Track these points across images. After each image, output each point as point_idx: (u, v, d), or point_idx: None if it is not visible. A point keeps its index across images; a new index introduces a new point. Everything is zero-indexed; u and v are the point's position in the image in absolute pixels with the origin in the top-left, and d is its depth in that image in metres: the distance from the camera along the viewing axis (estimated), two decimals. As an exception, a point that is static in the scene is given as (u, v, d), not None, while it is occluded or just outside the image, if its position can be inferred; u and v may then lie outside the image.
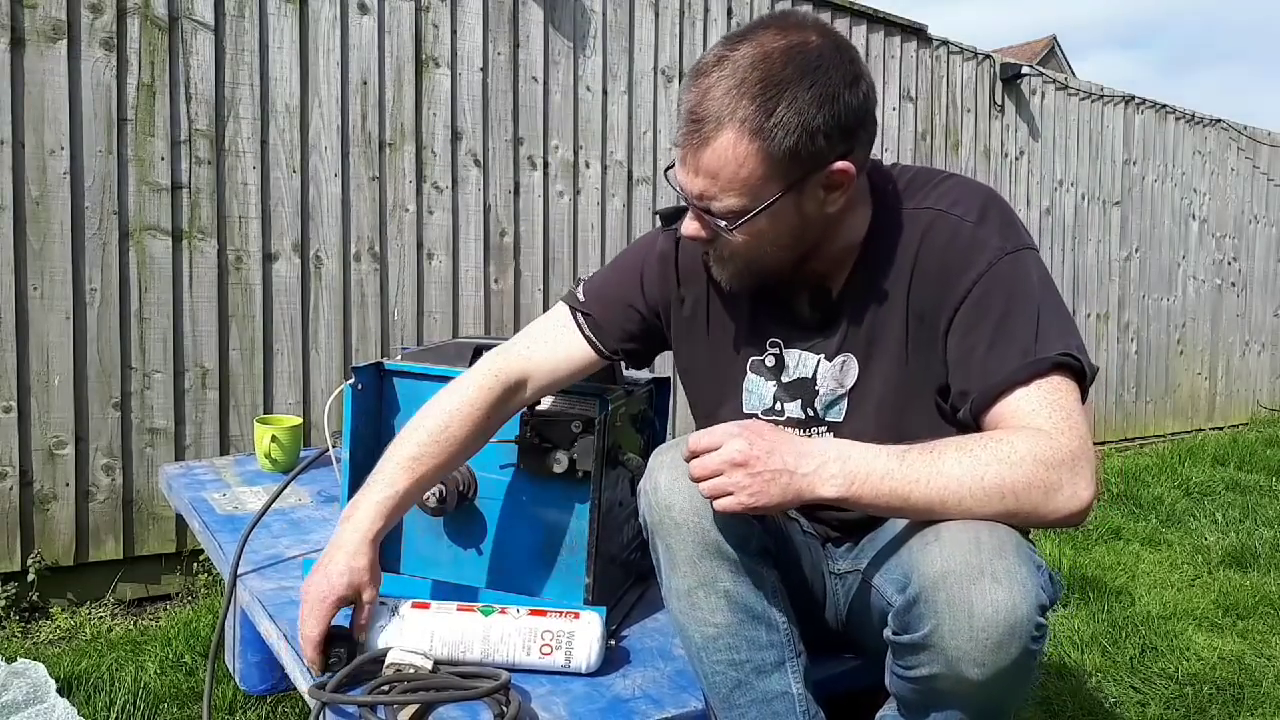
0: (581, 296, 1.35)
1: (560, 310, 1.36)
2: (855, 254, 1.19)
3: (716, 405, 1.31)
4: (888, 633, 1.03)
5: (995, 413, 1.08)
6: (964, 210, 1.15)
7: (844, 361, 1.21)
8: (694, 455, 1.03)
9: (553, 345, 1.33)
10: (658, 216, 1.31)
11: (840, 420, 1.22)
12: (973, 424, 1.11)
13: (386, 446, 1.43)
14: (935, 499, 1.00)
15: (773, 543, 1.15)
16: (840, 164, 1.07)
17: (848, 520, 1.27)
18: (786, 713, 1.13)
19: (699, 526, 1.07)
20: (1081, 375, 1.08)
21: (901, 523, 1.10)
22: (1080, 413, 1.06)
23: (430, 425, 1.25)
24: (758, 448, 1.00)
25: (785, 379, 1.25)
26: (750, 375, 1.28)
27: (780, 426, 1.22)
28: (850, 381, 1.22)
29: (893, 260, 1.17)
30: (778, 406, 1.26)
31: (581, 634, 1.19)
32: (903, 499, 1.00)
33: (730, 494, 1.00)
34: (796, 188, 1.08)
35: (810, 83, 1.03)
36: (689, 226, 1.13)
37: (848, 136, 1.07)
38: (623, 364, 1.41)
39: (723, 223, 1.09)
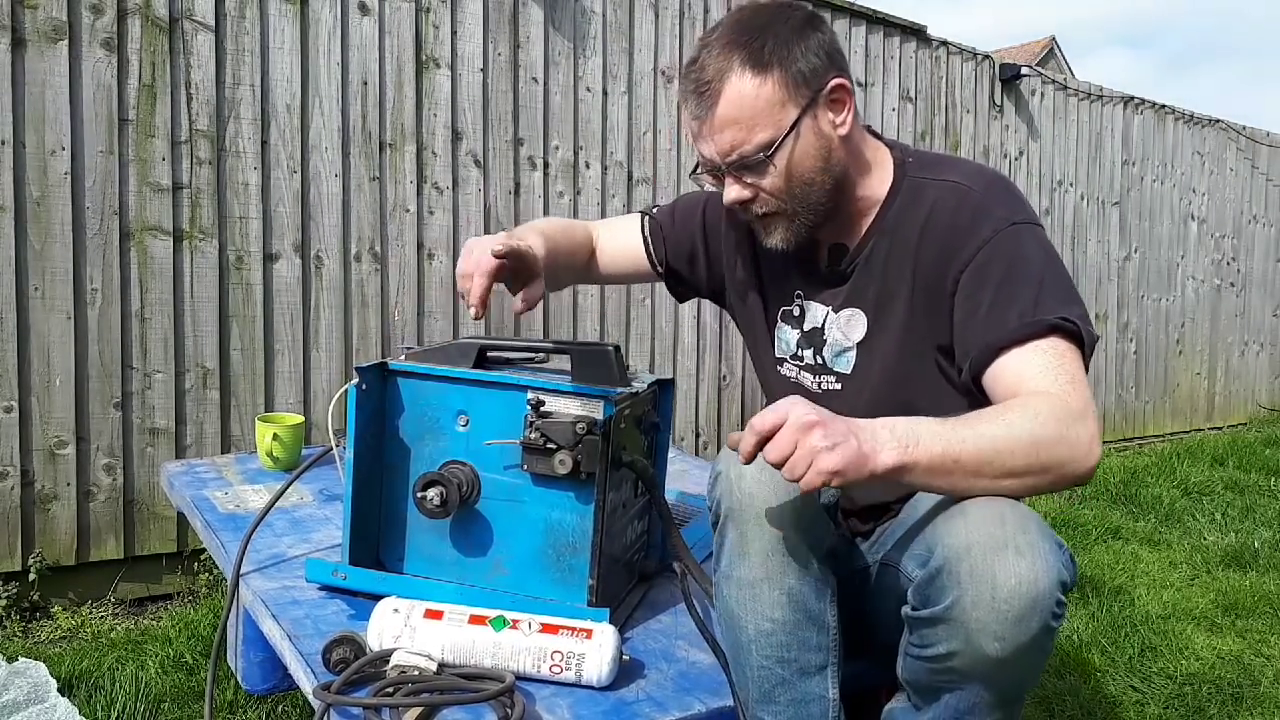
0: (659, 211, 1.56)
1: (635, 216, 1.59)
2: (872, 216, 1.29)
3: (760, 353, 1.47)
4: (906, 609, 1.04)
5: (993, 371, 1.12)
6: (974, 183, 1.23)
7: (851, 316, 1.30)
8: (763, 438, 0.99)
9: (623, 235, 1.56)
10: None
11: (848, 372, 1.31)
12: (972, 384, 1.16)
13: (389, 446, 1.43)
14: (984, 457, 1.01)
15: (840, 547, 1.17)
16: (835, 79, 1.20)
17: (872, 509, 1.30)
18: (820, 716, 1.13)
19: (780, 521, 1.07)
20: (1081, 342, 1.12)
21: (924, 506, 1.11)
22: (1083, 375, 1.10)
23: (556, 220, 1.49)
24: (820, 412, 0.99)
25: (806, 327, 1.37)
26: (780, 324, 1.41)
27: (798, 371, 1.38)
28: (857, 336, 1.30)
29: (904, 224, 1.25)
30: (799, 352, 1.38)
31: (593, 655, 1.18)
32: (954, 459, 1.00)
33: (811, 464, 0.96)
34: (809, 110, 1.19)
35: (784, 19, 1.20)
36: (730, 193, 1.22)
37: (831, 60, 1.20)
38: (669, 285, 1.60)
39: (760, 158, 1.18)
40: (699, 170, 1.27)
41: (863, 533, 1.33)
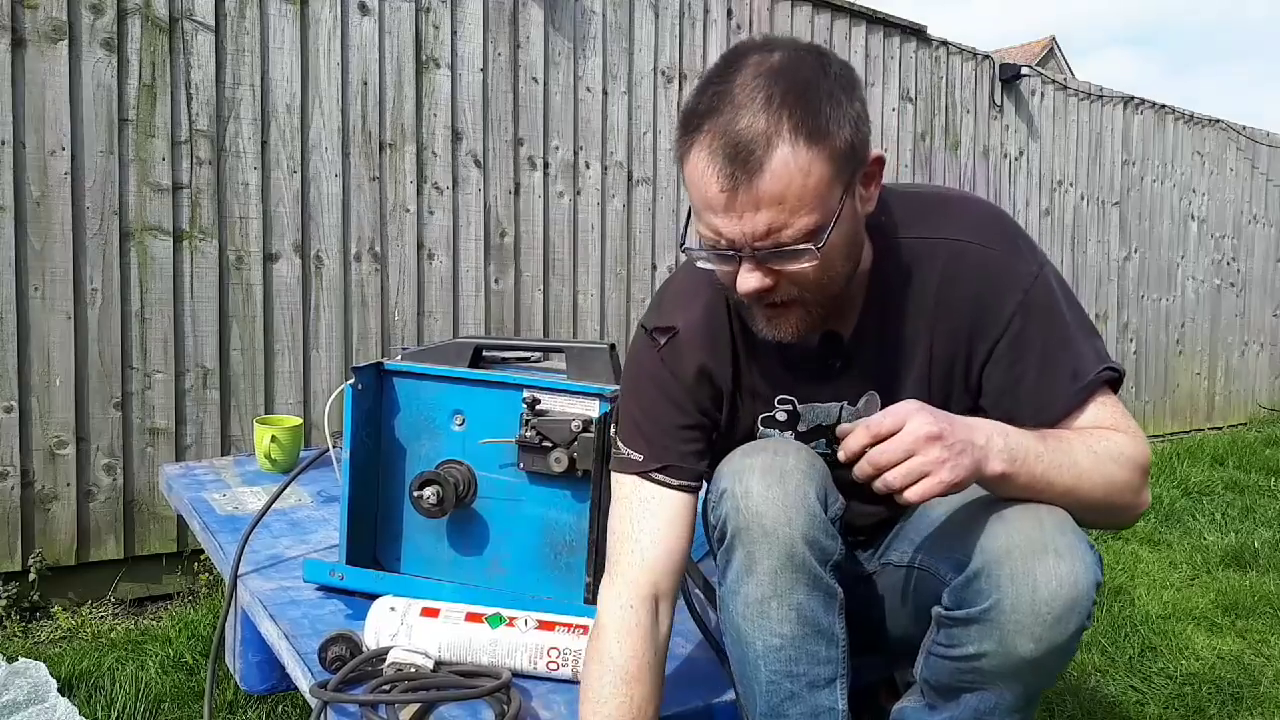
0: (639, 457, 1.16)
1: (630, 489, 1.17)
2: (863, 291, 1.13)
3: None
4: (938, 610, 1.04)
5: None
6: (984, 238, 1.11)
7: (868, 399, 1.17)
8: (875, 441, 0.94)
9: (657, 525, 1.14)
10: (644, 330, 1.21)
11: None
12: None
13: (386, 446, 1.43)
14: (1070, 485, 1.02)
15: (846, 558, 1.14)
16: (875, 151, 1.03)
17: (877, 522, 1.28)
18: None
19: (789, 538, 1.04)
20: (1119, 382, 1.13)
21: (944, 509, 1.12)
22: (1131, 418, 1.12)
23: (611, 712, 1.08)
24: (941, 420, 0.94)
25: (801, 428, 1.20)
26: (762, 429, 1.21)
27: None
28: (874, 414, 1.15)
29: (908, 294, 1.12)
30: None
31: None
32: (1048, 483, 1.01)
33: (929, 473, 0.93)
34: (850, 189, 1.00)
35: (828, 73, 0.97)
36: (749, 280, 0.99)
37: (867, 125, 1.01)
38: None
39: (802, 248, 0.97)
40: (700, 248, 1.03)
41: (861, 542, 1.32)
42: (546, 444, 1.32)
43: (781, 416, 1.19)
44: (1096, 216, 5.28)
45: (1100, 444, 1.06)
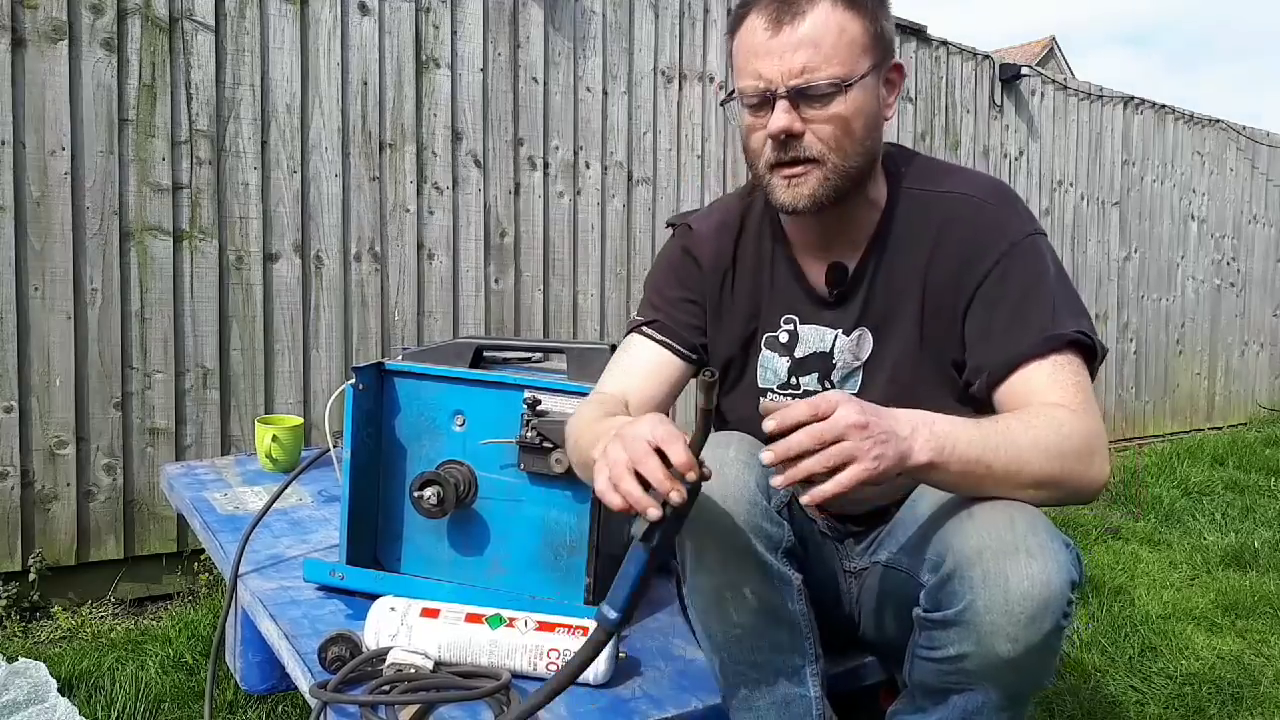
0: (641, 316, 1.34)
1: (630, 339, 1.34)
2: (871, 230, 1.24)
3: (732, 383, 1.32)
4: (918, 611, 1.04)
5: (1011, 384, 1.13)
6: (982, 194, 1.21)
7: (860, 335, 1.24)
8: (797, 426, 0.94)
9: (640, 369, 1.29)
10: (670, 225, 1.37)
11: (856, 392, 1.24)
12: (986, 396, 1.15)
13: (386, 447, 1.43)
14: (1012, 467, 1.02)
15: (798, 545, 1.15)
16: (896, 62, 1.17)
17: (870, 513, 1.29)
18: (803, 715, 1.13)
19: (731, 528, 1.06)
20: (1092, 355, 1.14)
21: (926, 508, 1.12)
22: (1092, 392, 1.12)
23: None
24: (867, 411, 0.95)
25: (799, 354, 1.27)
26: (765, 351, 1.29)
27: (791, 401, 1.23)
28: (865, 354, 1.25)
29: (910, 238, 1.22)
30: (793, 381, 1.28)
31: None
32: (987, 465, 1.01)
33: (854, 460, 0.93)
34: (876, 71, 1.14)
35: None
36: (781, 120, 1.11)
37: (895, 43, 1.17)
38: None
39: (828, 90, 1.10)
40: (734, 96, 1.16)
41: (855, 534, 1.32)
42: (547, 445, 1.32)
43: (784, 338, 1.28)
44: (1096, 216, 5.28)
45: (1039, 419, 1.06)
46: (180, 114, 2.61)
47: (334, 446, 1.75)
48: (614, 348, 1.41)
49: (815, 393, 1.20)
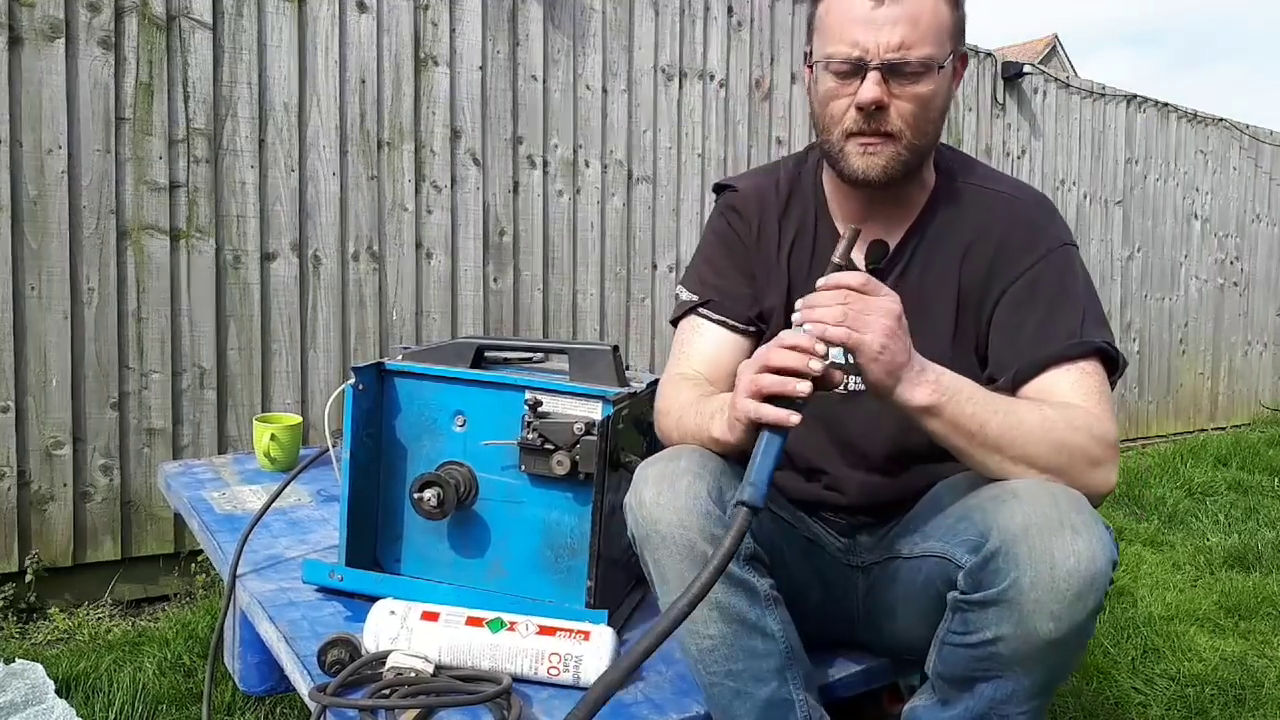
0: (690, 289, 1.36)
1: (692, 322, 1.36)
2: (916, 213, 1.28)
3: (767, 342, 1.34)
4: (953, 595, 1.04)
5: (1037, 384, 1.15)
6: (1026, 199, 1.26)
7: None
8: (840, 287, 1.06)
9: (709, 351, 1.32)
10: (716, 190, 1.42)
11: None
12: (1010, 394, 1.16)
13: (386, 447, 1.42)
14: (1005, 436, 1.05)
15: (765, 550, 1.14)
16: (965, 51, 1.22)
17: (884, 504, 1.29)
18: (787, 718, 1.12)
19: (686, 540, 1.06)
20: (1114, 367, 1.17)
21: (953, 496, 1.12)
22: (1112, 403, 1.15)
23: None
24: (904, 324, 1.05)
25: None
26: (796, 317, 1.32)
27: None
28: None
29: (951, 227, 1.26)
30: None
31: (591, 657, 1.17)
32: (980, 424, 1.04)
33: (867, 331, 1.02)
34: (952, 58, 1.19)
35: None
36: (870, 89, 1.14)
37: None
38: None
39: (921, 69, 1.14)
40: (822, 62, 1.18)
41: (867, 525, 1.31)
42: (548, 446, 1.30)
43: None
44: (1099, 215, 5.27)
45: (1053, 409, 1.09)
46: (177, 112, 2.59)
47: (333, 446, 1.74)
48: (616, 349, 1.40)
49: (840, 365, 1.25)
